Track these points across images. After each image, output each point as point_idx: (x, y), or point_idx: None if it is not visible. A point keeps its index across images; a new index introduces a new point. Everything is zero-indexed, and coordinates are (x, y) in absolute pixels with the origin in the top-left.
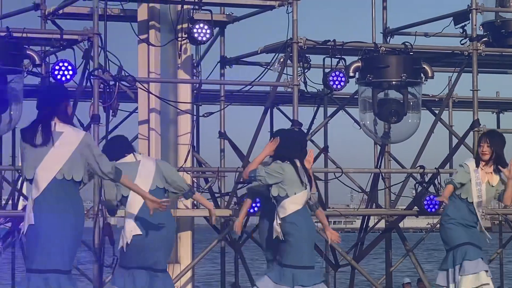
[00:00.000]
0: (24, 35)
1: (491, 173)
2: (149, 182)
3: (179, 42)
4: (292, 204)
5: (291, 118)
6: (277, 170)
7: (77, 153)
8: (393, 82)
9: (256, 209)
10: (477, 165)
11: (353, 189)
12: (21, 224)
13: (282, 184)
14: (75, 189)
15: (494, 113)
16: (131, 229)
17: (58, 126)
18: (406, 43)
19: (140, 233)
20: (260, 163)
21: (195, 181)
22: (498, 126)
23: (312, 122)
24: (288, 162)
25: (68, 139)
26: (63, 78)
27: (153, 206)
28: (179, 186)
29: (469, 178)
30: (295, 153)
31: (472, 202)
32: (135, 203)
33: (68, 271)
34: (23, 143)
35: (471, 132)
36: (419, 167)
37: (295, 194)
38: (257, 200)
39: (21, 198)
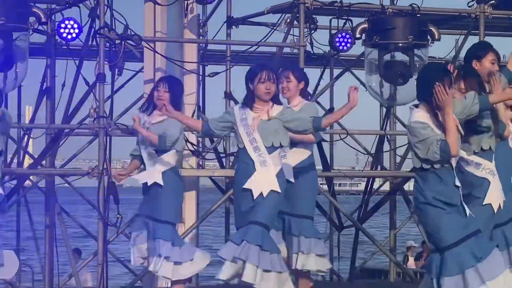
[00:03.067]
0: None
1: None
2: None
3: (186, 2)
4: None
5: None
6: None
7: None
8: (400, 44)
9: None
10: None
11: (359, 151)
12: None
13: None
14: None
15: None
16: None
17: None
18: (413, 5)
19: None
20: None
21: (200, 141)
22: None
23: (318, 84)
24: None
25: None
26: (69, 37)
27: None
28: None
29: None
30: None
31: None
32: None
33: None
34: None
35: None
36: None
37: None
38: None
39: (27, 156)
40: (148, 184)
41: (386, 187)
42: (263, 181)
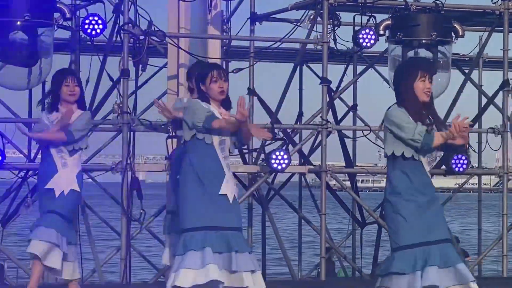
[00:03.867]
0: None
1: None
2: None
3: None
4: None
5: (320, 75)
6: None
7: None
8: (423, 41)
9: (284, 165)
10: None
11: (381, 147)
12: None
13: None
14: None
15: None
16: None
17: None
18: (437, 2)
19: None
20: None
21: None
22: None
23: (341, 80)
24: None
25: None
26: (93, 32)
27: None
28: None
29: None
30: None
31: None
32: None
33: None
34: None
35: (501, 92)
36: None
37: None
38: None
39: None
40: None
41: None
42: None
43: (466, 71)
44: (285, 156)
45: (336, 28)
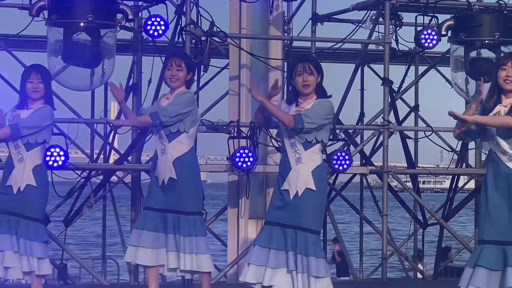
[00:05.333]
0: None
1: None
2: None
3: None
4: None
5: (382, 76)
6: None
7: None
8: (486, 41)
9: (345, 166)
10: None
11: (444, 148)
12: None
13: None
14: None
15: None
16: None
17: None
18: (501, 1)
19: None
20: None
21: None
22: None
23: (403, 81)
24: None
25: None
26: (155, 33)
27: None
28: None
29: None
30: None
31: None
32: None
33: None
34: None
35: None
36: None
37: None
38: None
39: (113, 151)
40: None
41: (471, 185)
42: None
43: None
44: (347, 157)
45: (398, 28)
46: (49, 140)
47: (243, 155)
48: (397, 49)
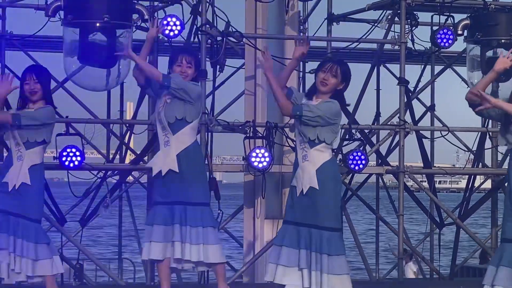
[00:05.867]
0: None
1: None
2: None
3: None
4: None
5: (398, 76)
6: None
7: None
8: (502, 41)
9: (361, 166)
10: None
11: (460, 148)
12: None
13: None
14: None
15: None
16: None
17: None
18: None
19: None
20: None
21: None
22: None
23: (419, 80)
24: None
25: None
26: (171, 34)
27: None
28: None
29: None
30: None
31: None
32: None
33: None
34: None
35: None
36: None
37: None
38: None
39: (129, 151)
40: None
41: (488, 184)
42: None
43: None
44: (363, 157)
45: (414, 28)
46: (49, 141)
47: (259, 155)
48: (413, 48)
